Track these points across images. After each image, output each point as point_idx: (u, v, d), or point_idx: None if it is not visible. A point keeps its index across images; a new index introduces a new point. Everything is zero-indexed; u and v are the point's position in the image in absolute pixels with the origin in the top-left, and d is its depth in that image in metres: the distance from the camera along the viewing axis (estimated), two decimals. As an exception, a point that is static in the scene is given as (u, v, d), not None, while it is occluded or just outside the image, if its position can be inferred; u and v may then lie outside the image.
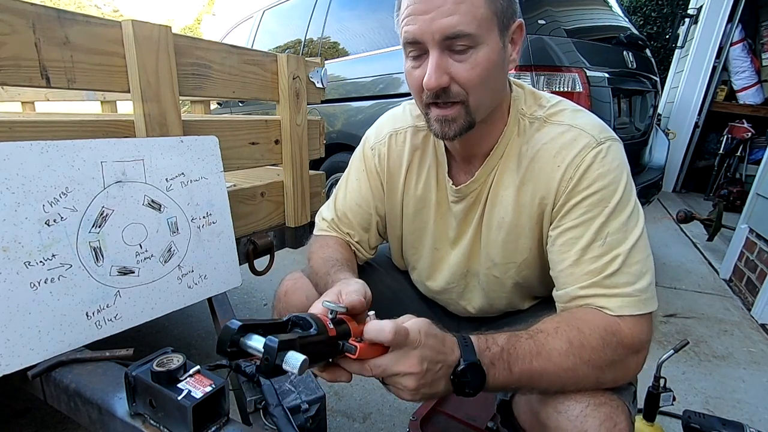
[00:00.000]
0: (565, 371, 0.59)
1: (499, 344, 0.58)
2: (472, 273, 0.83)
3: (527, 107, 0.74)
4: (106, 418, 0.63)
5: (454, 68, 0.63)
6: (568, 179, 0.67)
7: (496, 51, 0.64)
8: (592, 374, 0.60)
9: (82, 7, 19.73)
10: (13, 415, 1.36)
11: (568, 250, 0.67)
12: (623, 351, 0.61)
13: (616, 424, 0.59)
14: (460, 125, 0.67)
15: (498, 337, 0.59)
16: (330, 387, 1.51)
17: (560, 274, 0.68)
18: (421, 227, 0.86)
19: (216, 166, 1.02)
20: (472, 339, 0.57)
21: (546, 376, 0.59)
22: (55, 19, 0.81)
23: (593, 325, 0.61)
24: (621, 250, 0.64)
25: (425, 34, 0.61)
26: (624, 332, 0.61)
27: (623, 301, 0.62)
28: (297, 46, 2.98)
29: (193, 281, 0.96)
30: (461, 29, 0.60)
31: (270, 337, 0.43)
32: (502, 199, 0.74)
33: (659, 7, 5.52)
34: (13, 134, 0.79)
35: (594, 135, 0.68)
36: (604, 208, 0.65)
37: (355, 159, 0.93)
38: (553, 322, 0.62)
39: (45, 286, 0.73)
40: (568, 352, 0.58)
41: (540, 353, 0.58)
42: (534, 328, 0.62)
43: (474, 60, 0.62)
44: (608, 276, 0.63)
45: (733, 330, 1.98)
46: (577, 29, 1.99)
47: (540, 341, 0.59)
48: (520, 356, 0.58)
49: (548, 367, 0.58)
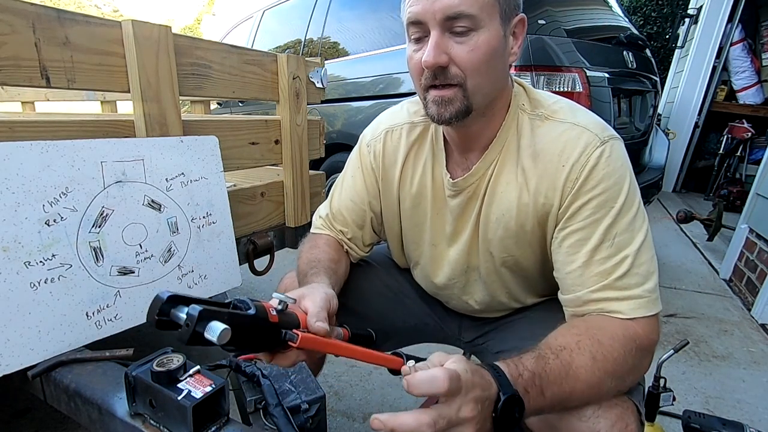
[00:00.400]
0: (592, 387, 0.58)
1: (530, 369, 0.54)
2: (472, 267, 0.83)
3: (527, 103, 0.74)
4: (106, 418, 0.63)
5: (454, 49, 0.63)
6: (574, 179, 0.66)
7: (496, 37, 0.64)
8: (616, 385, 0.60)
9: (82, 7, 19.74)
10: (13, 415, 1.36)
11: (576, 252, 0.66)
12: (641, 355, 0.61)
13: (627, 425, 0.59)
14: (457, 108, 0.66)
15: (525, 360, 0.55)
16: (330, 387, 1.51)
17: (568, 277, 0.68)
18: (419, 223, 0.86)
19: (216, 166, 1.02)
20: (502, 367, 0.53)
21: (575, 396, 0.57)
22: (55, 19, 0.81)
23: (612, 334, 0.60)
24: (629, 251, 0.64)
25: (427, 13, 0.62)
26: (641, 335, 0.61)
27: (636, 303, 0.62)
28: (297, 46, 2.98)
29: (193, 281, 0.96)
30: (462, 9, 0.60)
31: (193, 306, 0.44)
32: (501, 195, 0.74)
33: (659, 7, 5.52)
34: (13, 134, 0.79)
35: (597, 133, 0.67)
36: (610, 208, 0.65)
37: (352, 157, 0.94)
38: (572, 335, 0.60)
39: (45, 286, 0.73)
40: (594, 367, 0.57)
41: (568, 373, 0.56)
42: (557, 344, 0.59)
43: (474, 42, 0.62)
44: (619, 278, 0.63)
45: (733, 330, 1.98)
46: (577, 29, 1.99)
47: (566, 360, 0.57)
48: (552, 379, 0.55)
49: (577, 387, 0.56)
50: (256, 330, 0.50)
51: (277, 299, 0.53)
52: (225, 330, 0.43)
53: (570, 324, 0.65)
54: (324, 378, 1.55)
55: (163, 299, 0.45)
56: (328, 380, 1.55)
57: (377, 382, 1.56)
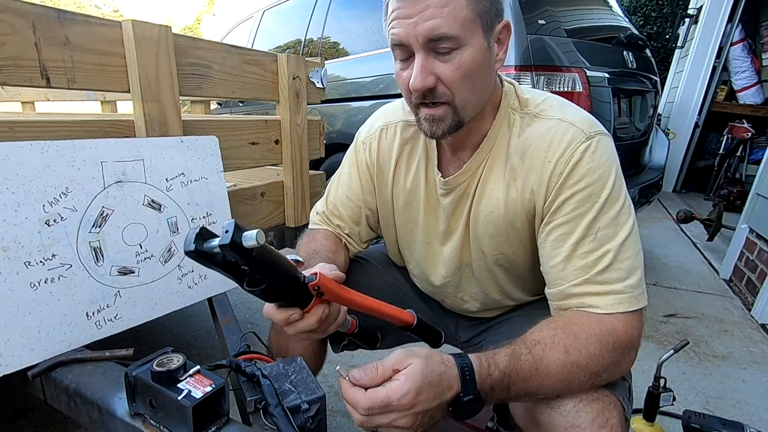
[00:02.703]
0: (561, 382, 0.59)
1: (501, 368, 0.58)
2: (465, 264, 0.84)
3: (517, 102, 0.75)
4: (106, 418, 0.63)
5: (439, 69, 0.64)
6: (558, 174, 0.67)
7: (480, 51, 0.65)
8: (588, 380, 0.60)
9: (82, 7, 19.74)
10: (13, 415, 1.36)
11: (559, 246, 0.67)
12: (619, 352, 0.61)
13: (608, 419, 0.59)
14: (448, 124, 0.68)
15: (499, 358, 0.58)
16: (330, 387, 1.51)
17: (551, 270, 0.69)
18: (413, 221, 0.87)
19: (216, 166, 1.02)
20: (474, 364, 0.57)
21: (542, 390, 0.60)
22: (55, 19, 0.81)
23: (589, 329, 0.61)
24: (611, 246, 0.64)
25: (410, 36, 0.63)
26: (619, 331, 0.62)
27: (616, 298, 0.63)
28: (297, 46, 2.98)
29: (193, 281, 0.96)
30: (444, 32, 0.61)
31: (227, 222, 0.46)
32: (490, 193, 0.75)
33: (659, 7, 5.52)
34: (13, 134, 0.79)
35: (583, 129, 0.68)
36: (594, 203, 0.65)
37: (348, 154, 0.95)
38: (549, 329, 0.62)
39: (45, 286, 0.73)
40: (566, 361, 0.59)
41: (539, 369, 0.58)
42: (532, 338, 0.61)
43: (458, 61, 0.63)
44: (600, 272, 0.64)
45: (733, 330, 1.98)
46: (577, 29, 1.99)
47: (538, 356, 0.59)
48: (520, 377, 0.58)
49: (545, 382, 0.59)
50: (283, 267, 0.53)
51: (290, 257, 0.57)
52: (260, 232, 0.45)
53: (550, 319, 0.66)
54: (324, 378, 1.55)
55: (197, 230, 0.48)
56: (328, 380, 1.55)
57: (377, 382, 1.56)
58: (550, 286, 0.70)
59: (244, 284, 0.51)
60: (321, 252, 0.83)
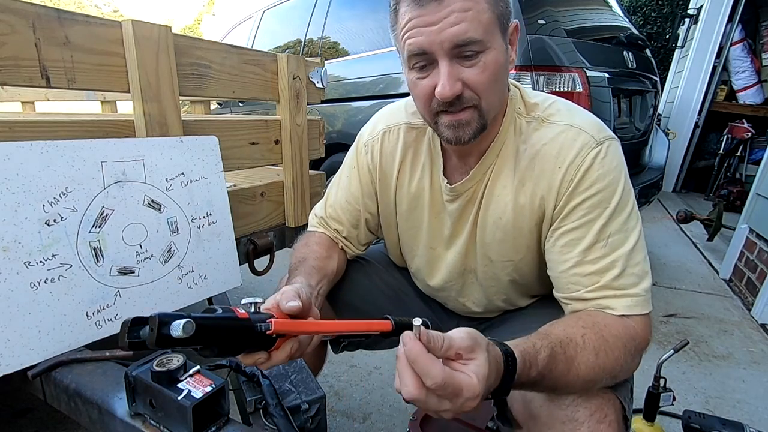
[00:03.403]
0: (586, 383, 0.59)
1: (539, 368, 0.55)
2: (469, 270, 0.84)
3: (523, 107, 0.75)
4: (106, 418, 0.63)
5: (465, 74, 0.63)
6: (569, 180, 0.67)
7: (502, 53, 0.64)
8: (607, 382, 0.61)
9: (82, 7, 19.74)
10: (13, 415, 1.36)
11: (570, 252, 0.67)
12: (637, 355, 0.62)
13: (606, 415, 0.60)
14: (474, 128, 0.67)
15: (540, 357, 0.55)
16: (330, 387, 1.51)
17: (561, 275, 0.68)
18: (416, 225, 0.86)
19: (216, 166, 1.02)
20: (518, 360, 0.53)
21: (567, 389, 0.59)
22: (55, 19, 0.81)
23: (616, 332, 0.61)
24: (623, 252, 0.64)
25: (433, 44, 0.61)
26: (639, 334, 0.62)
27: (633, 300, 0.63)
28: (297, 46, 2.98)
29: (193, 281, 0.96)
30: (470, 36, 0.60)
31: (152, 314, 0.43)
32: (498, 199, 0.74)
33: (659, 7, 5.52)
34: (13, 134, 0.79)
35: (593, 134, 0.68)
36: (604, 209, 0.65)
37: (348, 156, 0.94)
38: (578, 328, 0.60)
39: (45, 286, 0.73)
40: (594, 365, 0.58)
41: (569, 371, 0.57)
42: (565, 337, 0.58)
43: (483, 64, 0.63)
44: (615, 278, 0.64)
45: (733, 330, 1.98)
46: (577, 29, 1.99)
47: (571, 356, 0.57)
48: (552, 378, 0.56)
49: (572, 382, 0.58)
50: (227, 329, 0.48)
51: (245, 301, 0.53)
52: (188, 322, 0.42)
53: (577, 316, 0.65)
54: (324, 378, 1.55)
55: (128, 323, 0.45)
56: (328, 380, 1.55)
57: (377, 382, 1.56)
58: (561, 291, 0.69)
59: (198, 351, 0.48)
60: (308, 260, 0.82)
